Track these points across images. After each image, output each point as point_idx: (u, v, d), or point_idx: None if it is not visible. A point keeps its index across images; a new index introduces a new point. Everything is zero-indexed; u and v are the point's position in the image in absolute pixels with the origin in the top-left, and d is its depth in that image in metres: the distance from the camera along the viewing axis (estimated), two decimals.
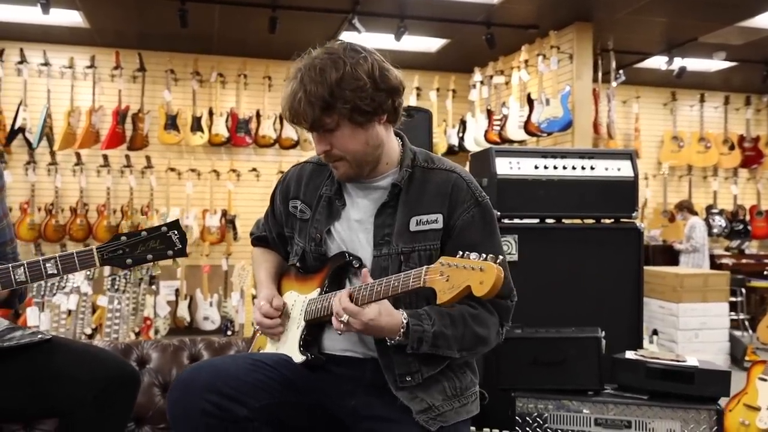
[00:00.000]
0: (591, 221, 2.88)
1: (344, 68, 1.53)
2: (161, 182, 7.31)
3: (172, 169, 7.36)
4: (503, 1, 5.78)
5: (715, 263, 7.95)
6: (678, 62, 7.20)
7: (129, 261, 1.52)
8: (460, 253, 1.42)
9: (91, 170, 7.17)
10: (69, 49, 7.11)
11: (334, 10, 6.05)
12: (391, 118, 1.65)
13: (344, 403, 1.62)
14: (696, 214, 7.94)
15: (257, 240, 2.00)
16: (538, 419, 2.28)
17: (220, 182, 7.49)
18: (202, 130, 7.24)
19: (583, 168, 2.72)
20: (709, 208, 8.53)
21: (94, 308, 5.65)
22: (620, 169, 2.74)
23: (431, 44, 6.91)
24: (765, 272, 4.42)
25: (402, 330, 1.51)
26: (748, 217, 8.58)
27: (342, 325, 1.50)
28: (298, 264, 1.78)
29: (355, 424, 1.61)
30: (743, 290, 7.21)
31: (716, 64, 7.68)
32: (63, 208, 7.05)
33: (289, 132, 7.46)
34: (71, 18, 6.33)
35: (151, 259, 1.53)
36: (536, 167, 2.70)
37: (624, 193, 2.74)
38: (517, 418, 2.29)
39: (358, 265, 1.65)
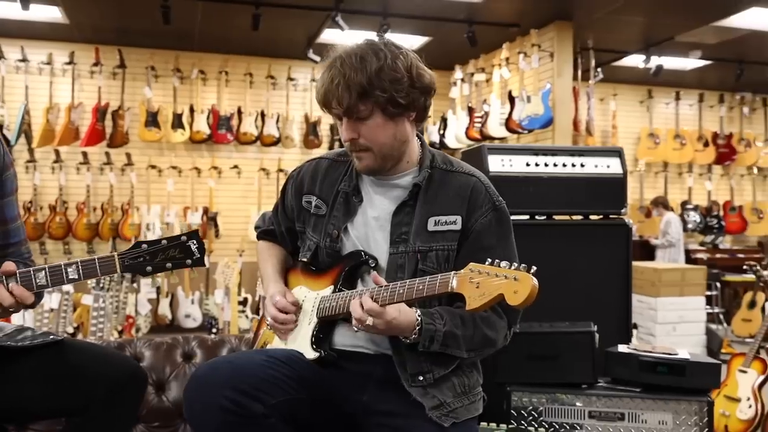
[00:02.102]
0: (580, 217, 2.91)
1: (385, 60, 1.56)
2: (142, 179, 7.24)
3: (153, 167, 7.29)
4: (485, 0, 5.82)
5: (690, 258, 8.09)
6: (655, 61, 7.31)
7: (149, 269, 1.52)
8: (489, 260, 1.44)
9: (71, 168, 7.08)
10: (48, 45, 7.01)
11: (317, 7, 6.03)
12: (419, 117, 1.69)
13: (355, 399, 1.63)
14: (671, 210, 8.07)
15: (264, 233, 1.99)
16: (533, 413, 2.30)
17: (201, 179, 7.44)
18: (183, 127, 7.18)
19: (573, 165, 2.74)
20: (684, 204, 8.67)
21: (75, 307, 5.59)
22: (609, 166, 2.77)
23: (413, 42, 6.92)
24: (744, 267, 4.50)
25: (417, 328, 1.53)
26: (721, 213, 8.74)
27: (362, 325, 1.52)
28: (309, 260, 1.78)
29: (366, 419, 1.62)
30: (718, 284, 7.34)
31: (691, 62, 7.80)
32: (42, 205, 6.96)
33: (271, 129, 7.44)
34: (50, 13, 6.24)
35: (170, 267, 1.53)
36: (528, 164, 2.72)
37: (613, 189, 2.76)
38: (512, 411, 2.31)
39: (374, 265, 1.67)
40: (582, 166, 2.76)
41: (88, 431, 1.63)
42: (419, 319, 1.54)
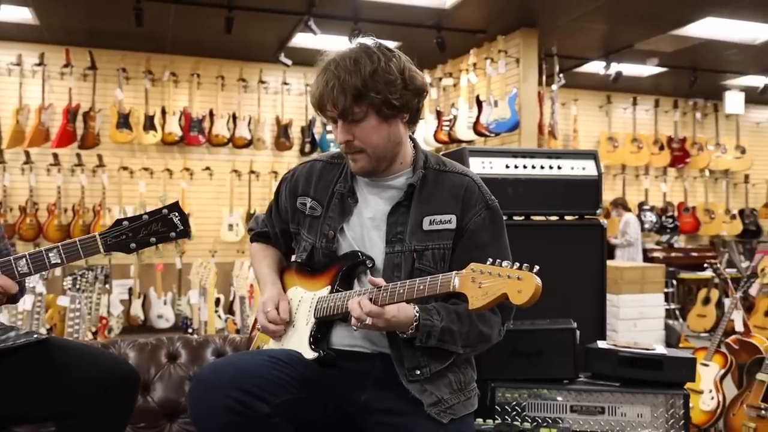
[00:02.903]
0: (555, 218, 2.93)
1: (378, 62, 1.55)
2: (113, 181, 7.09)
3: (125, 168, 7.15)
4: (453, 6, 5.83)
5: (647, 256, 8.24)
6: (614, 67, 7.42)
7: (133, 245, 1.47)
8: (490, 260, 1.44)
9: (41, 169, 6.89)
10: (17, 46, 6.82)
11: (289, 11, 5.98)
12: (412, 119, 1.68)
13: (354, 398, 1.62)
14: (630, 210, 8.21)
15: (258, 235, 1.97)
16: (516, 408, 2.31)
17: (173, 181, 7.32)
18: (155, 129, 7.05)
19: (551, 167, 2.77)
20: (641, 205, 8.82)
21: (47, 308, 5.44)
22: (585, 168, 2.80)
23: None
24: (705, 265, 4.59)
25: (414, 323, 1.53)
26: (676, 214, 8.92)
27: (360, 324, 1.50)
28: (305, 260, 1.75)
29: (365, 418, 1.61)
30: (674, 282, 7.49)
31: (648, 69, 7.94)
32: (12, 207, 6.76)
33: (243, 131, 7.36)
34: (20, 14, 6.07)
35: (154, 242, 1.49)
36: (507, 167, 2.73)
37: (588, 191, 2.79)
38: (496, 407, 2.31)
39: (371, 265, 1.66)
40: (559, 168, 2.78)
41: None
42: (417, 315, 1.53)
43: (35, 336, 1.63)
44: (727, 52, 7.15)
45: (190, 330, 5.02)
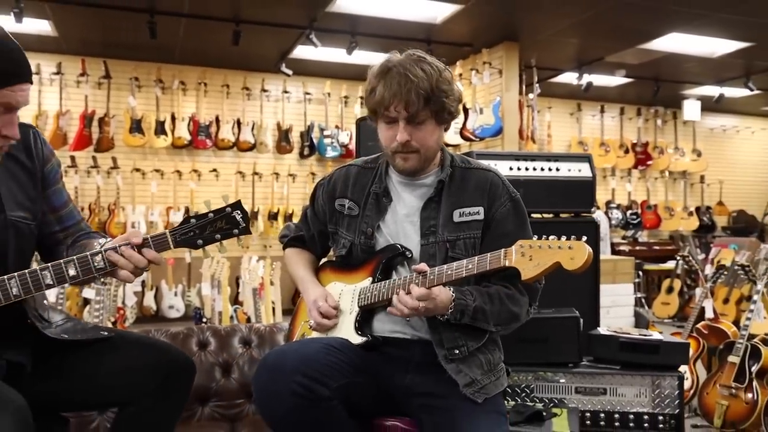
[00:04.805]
0: (550, 215, 2.94)
1: (439, 72, 1.58)
2: (127, 182, 6.98)
3: (138, 170, 7.04)
4: (443, 22, 5.83)
5: (614, 250, 8.29)
6: (586, 78, 7.47)
7: (200, 242, 1.43)
8: (536, 236, 1.48)
9: None
10: (36, 56, 6.64)
11: (293, 25, 5.93)
12: (448, 126, 1.67)
13: (398, 381, 1.61)
14: (598, 208, 8.27)
15: (293, 240, 1.94)
16: (525, 389, 2.32)
17: (182, 182, 7.22)
18: (165, 134, 6.96)
19: (549, 170, 2.77)
20: (608, 203, 8.88)
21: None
22: (581, 170, 2.81)
23: (378, 58, 6.87)
24: (677, 257, 4.64)
25: (452, 304, 1.53)
26: (639, 211, 9.00)
27: (406, 310, 1.50)
28: (344, 256, 1.74)
29: (408, 400, 1.59)
30: (640, 273, 7.55)
31: (615, 80, 7.99)
32: None
33: (247, 136, 7.29)
34: (40, 26, 5.95)
35: (219, 238, 1.45)
36: (510, 168, 2.74)
37: (583, 190, 2.81)
38: (507, 389, 2.31)
39: (410, 255, 1.65)
40: (557, 170, 2.79)
41: (142, 420, 1.53)
42: (453, 296, 1.54)
43: (102, 333, 1.60)
44: (687, 64, 7.23)
45: (204, 320, 4.95)
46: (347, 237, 1.73)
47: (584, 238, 1.42)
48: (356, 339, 1.63)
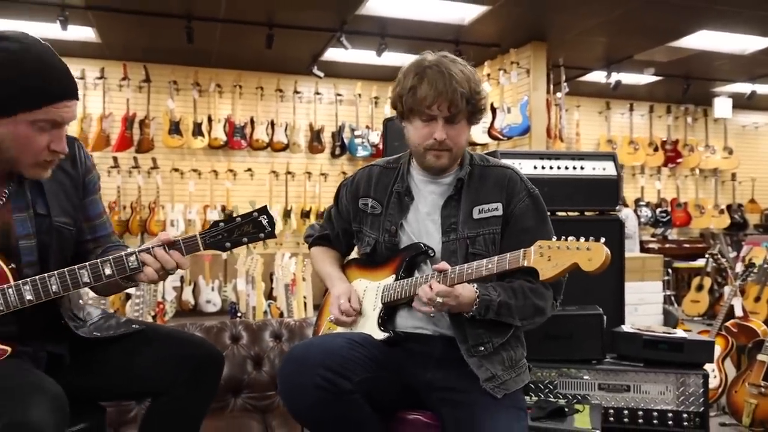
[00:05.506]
0: (575, 214, 2.89)
1: (472, 74, 1.59)
2: (166, 181, 7.12)
3: (176, 170, 7.18)
4: (470, 23, 5.79)
5: (643, 248, 8.15)
6: (615, 76, 7.34)
7: (228, 245, 1.46)
8: (555, 237, 1.46)
9: (103, 171, 6.92)
10: (81, 62, 6.83)
11: (323, 28, 5.96)
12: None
13: (419, 377, 1.61)
14: (627, 206, 8.13)
15: (318, 239, 1.95)
16: (549, 385, 2.29)
17: (218, 181, 7.33)
18: (202, 135, 7.08)
19: (574, 168, 2.73)
20: (637, 201, 8.72)
21: None
22: (605, 168, 2.76)
23: (407, 60, 6.87)
24: (706, 256, 4.53)
25: (477, 300, 1.52)
26: (669, 209, 8.81)
27: (431, 307, 1.50)
28: (368, 254, 1.75)
29: (429, 395, 1.59)
30: (669, 270, 7.40)
31: (644, 78, 7.84)
32: None
33: (280, 136, 7.36)
34: (84, 33, 6.10)
35: (246, 241, 1.47)
36: (535, 167, 2.70)
37: (608, 189, 2.75)
38: (530, 385, 2.29)
39: (433, 254, 1.64)
40: (582, 168, 2.74)
41: (174, 408, 1.57)
42: (477, 292, 1.52)
43: (134, 326, 1.64)
44: (717, 61, 7.05)
45: (239, 314, 5.03)
46: (371, 235, 1.74)
47: (602, 239, 1.39)
48: (379, 334, 1.63)
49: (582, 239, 1.42)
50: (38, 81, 1.35)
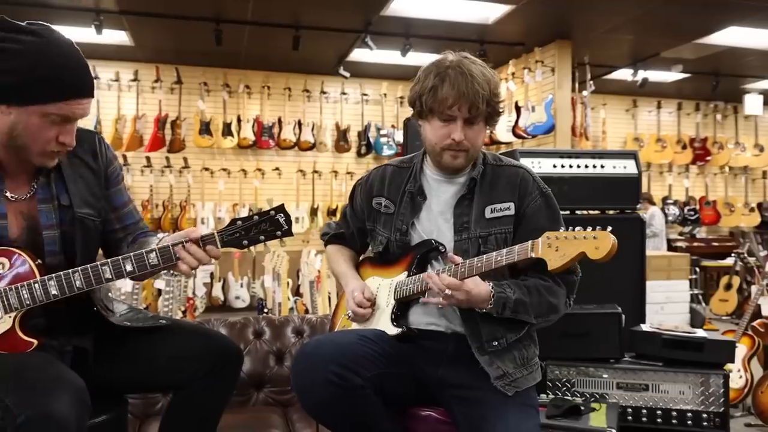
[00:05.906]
0: (597, 212, 2.86)
1: (492, 75, 1.58)
2: (197, 180, 7.22)
3: (206, 169, 7.28)
4: (495, 22, 5.74)
5: (671, 246, 8.00)
6: (641, 74, 7.20)
7: (245, 242, 1.47)
8: (563, 228, 1.46)
9: (136, 170, 7.07)
10: (115, 65, 6.99)
11: (349, 30, 5.98)
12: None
13: (431, 373, 1.60)
14: (654, 204, 7.97)
15: (334, 237, 1.96)
16: (567, 384, 2.27)
17: (247, 180, 7.41)
18: (231, 135, 7.16)
19: (594, 167, 2.70)
20: (665, 199, 8.56)
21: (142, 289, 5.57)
22: (626, 167, 2.72)
23: (432, 60, 6.86)
24: (733, 255, 4.43)
25: (492, 298, 1.50)
26: (698, 207, 8.63)
27: (442, 299, 1.50)
28: (380, 252, 1.75)
29: (441, 391, 1.59)
30: (697, 269, 7.24)
31: (672, 75, 7.68)
32: None
33: (307, 136, 7.41)
34: (118, 37, 6.21)
35: (263, 239, 1.47)
36: (554, 166, 2.67)
37: (629, 187, 2.71)
38: (548, 383, 2.27)
39: (444, 250, 1.64)
40: (602, 167, 2.71)
41: (195, 401, 1.60)
42: (492, 290, 1.51)
43: (160, 321, 1.67)
44: (747, 58, 6.87)
45: (265, 310, 5.08)
46: (384, 234, 1.74)
47: (609, 228, 1.38)
48: (392, 330, 1.63)
49: (589, 228, 1.41)
50: (54, 77, 1.39)
